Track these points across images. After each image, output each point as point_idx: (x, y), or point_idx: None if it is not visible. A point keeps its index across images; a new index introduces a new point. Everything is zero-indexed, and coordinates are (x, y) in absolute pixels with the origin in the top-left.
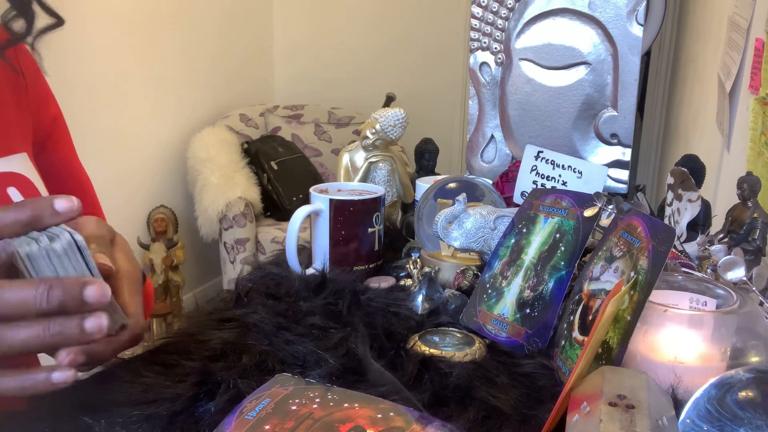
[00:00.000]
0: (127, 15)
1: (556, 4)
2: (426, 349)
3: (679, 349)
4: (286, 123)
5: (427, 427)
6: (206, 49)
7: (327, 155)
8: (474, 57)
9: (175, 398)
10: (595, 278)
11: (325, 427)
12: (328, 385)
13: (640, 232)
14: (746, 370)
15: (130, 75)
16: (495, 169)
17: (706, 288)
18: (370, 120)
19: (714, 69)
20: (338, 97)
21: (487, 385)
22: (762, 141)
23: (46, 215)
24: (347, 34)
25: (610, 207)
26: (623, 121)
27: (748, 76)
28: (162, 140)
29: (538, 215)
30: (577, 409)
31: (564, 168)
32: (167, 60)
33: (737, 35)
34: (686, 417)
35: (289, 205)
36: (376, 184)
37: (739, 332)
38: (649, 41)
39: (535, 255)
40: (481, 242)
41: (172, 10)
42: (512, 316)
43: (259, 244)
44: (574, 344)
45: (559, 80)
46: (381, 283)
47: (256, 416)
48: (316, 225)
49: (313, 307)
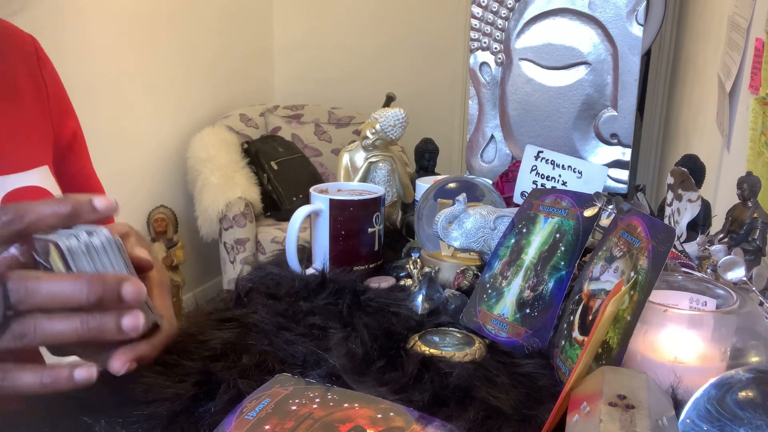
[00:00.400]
0: (127, 15)
1: (556, 4)
2: (426, 349)
3: (679, 349)
4: (286, 123)
5: (427, 427)
6: (206, 49)
7: (327, 155)
8: (474, 57)
9: (175, 398)
10: (595, 278)
11: (325, 427)
12: (328, 385)
13: (640, 232)
14: (746, 370)
15: (130, 75)
16: (495, 169)
17: (706, 288)
18: (370, 120)
19: (714, 69)
20: (338, 97)
21: (487, 385)
22: (762, 141)
23: (85, 211)
24: (347, 34)
25: (610, 207)
26: (623, 121)
27: (748, 76)
28: (162, 140)
29: (538, 215)
30: (577, 409)
31: (564, 168)
32: (167, 60)
33: (737, 35)
34: (686, 417)
35: (289, 205)
36: (376, 184)
37: (739, 332)
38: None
39: (535, 255)
40: (481, 242)
41: (172, 10)
42: (512, 316)
43: (259, 244)
44: (574, 344)
45: (559, 80)
46: (381, 283)
47: (256, 416)
48: (316, 225)
49: (313, 307)
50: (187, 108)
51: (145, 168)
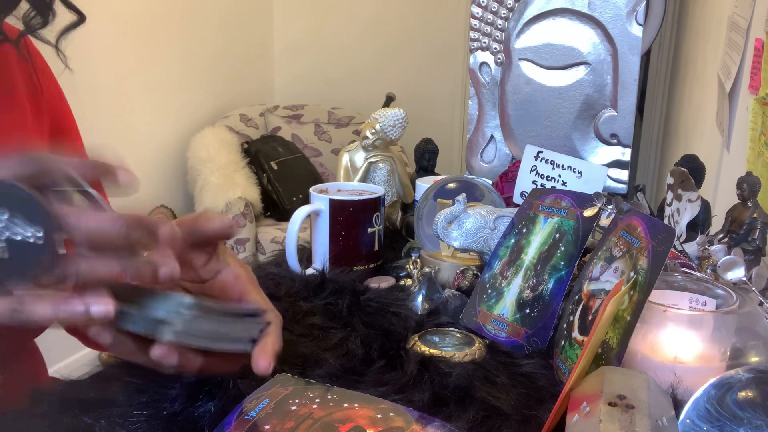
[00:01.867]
0: (127, 15)
1: (555, 4)
2: (426, 349)
3: (679, 349)
4: (286, 123)
5: (427, 427)
6: (206, 49)
7: (327, 155)
8: (474, 57)
9: (175, 398)
10: (595, 278)
11: (325, 427)
12: (328, 385)
13: (639, 232)
14: (746, 370)
15: (131, 75)
16: (495, 169)
17: (706, 288)
18: (370, 120)
19: (714, 69)
20: (338, 97)
21: (487, 385)
22: (762, 141)
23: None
24: (347, 34)
25: (609, 207)
26: (623, 121)
27: (748, 76)
28: (162, 140)
29: (537, 215)
30: (577, 409)
31: (564, 168)
32: (167, 60)
33: (737, 35)
34: (686, 417)
35: (289, 205)
36: (376, 184)
37: (739, 332)
38: (649, 41)
39: (535, 255)
40: (481, 242)
41: (173, 11)
42: (512, 316)
43: (259, 244)
44: (574, 344)
45: (559, 80)
46: (381, 283)
47: (256, 416)
48: (316, 225)
49: (313, 307)
50: (188, 108)
51: (145, 168)
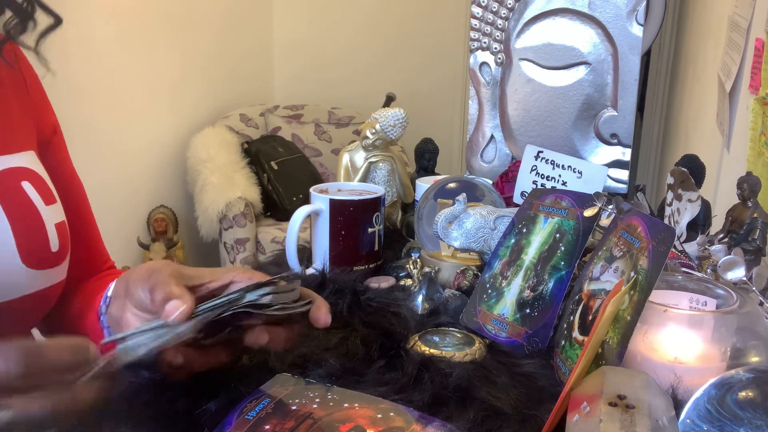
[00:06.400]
0: (126, 15)
1: (556, 4)
2: (426, 349)
3: (679, 349)
4: (286, 123)
5: (427, 427)
6: (206, 49)
7: (327, 155)
8: (474, 57)
9: (175, 398)
10: (595, 278)
11: (326, 426)
12: (328, 385)
13: (640, 232)
14: (746, 370)
15: (130, 75)
16: (495, 169)
17: (706, 288)
18: (370, 120)
19: (714, 69)
20: (338, 97)
21: (487, 385)
22: (762, 141)
23: None
24: (347, 34)
25: (610, 207)
26: (623, 121)
27: (748, 76)
28: (162, 140)
29: (538, 215)
30: (577, 409)
31: (564, 168)
32: (167, 60)
33: (737, 35)
34: (686, 417)
35: (289, 205)
36: (376, 184)
37: (739, 332)
38: (649, 41)
39: (535, 255)
40: (481, 242)
41: (172, 10)
42: (512, 316)
43: (259, 244)
44: (574, 344)
45: (559, 80)
46: (381, 283)
47: (256, 416)
48: (316, 225)
49: None
50: (187, 108)
51: (145, 168)
